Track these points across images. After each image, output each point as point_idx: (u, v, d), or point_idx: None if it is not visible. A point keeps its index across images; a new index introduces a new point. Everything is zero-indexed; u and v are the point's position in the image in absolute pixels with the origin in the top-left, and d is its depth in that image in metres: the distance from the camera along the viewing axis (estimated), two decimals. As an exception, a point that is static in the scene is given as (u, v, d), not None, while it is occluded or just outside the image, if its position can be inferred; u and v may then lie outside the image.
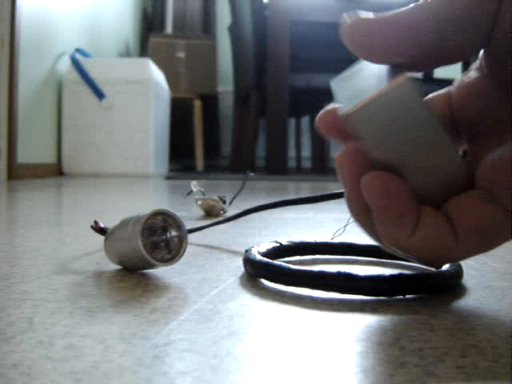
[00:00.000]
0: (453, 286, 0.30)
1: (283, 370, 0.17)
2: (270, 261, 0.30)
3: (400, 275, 0.27)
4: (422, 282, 0.28)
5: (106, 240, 0.34)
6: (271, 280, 0.30)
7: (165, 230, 0.31)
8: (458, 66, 3.09)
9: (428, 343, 0.20)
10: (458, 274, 0.30)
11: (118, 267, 0.34)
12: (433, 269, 0.31)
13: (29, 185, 1.44)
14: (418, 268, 0.35)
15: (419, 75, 0.23)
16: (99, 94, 2.24)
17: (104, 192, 1.22)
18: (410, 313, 0.25)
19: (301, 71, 2.64)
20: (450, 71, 3.72)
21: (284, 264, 0.29)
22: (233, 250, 0.43)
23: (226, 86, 3.84)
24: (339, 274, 0.27)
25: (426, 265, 0.27)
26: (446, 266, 0.30)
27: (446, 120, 0.25)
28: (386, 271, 0.28)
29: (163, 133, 2.58)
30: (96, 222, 0.38)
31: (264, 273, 0.30)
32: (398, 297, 0.27)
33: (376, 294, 0.27)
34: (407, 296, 0.27)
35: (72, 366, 0.17)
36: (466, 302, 0.27)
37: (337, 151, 0.24)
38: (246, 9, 2.67)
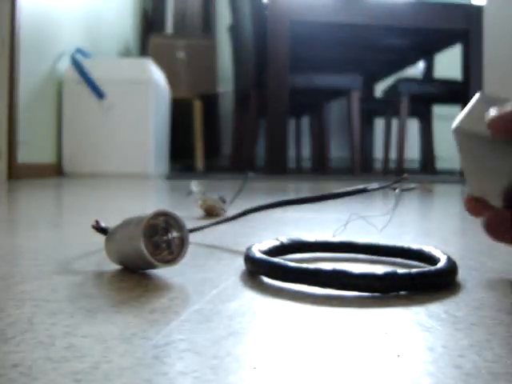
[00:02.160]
0: (447, 283, 0.30)
1: (283, 370, 0.17)
2: (269, 258, 0.31)
3: (393, 273, 0.28)
4: (415, 279, 0.28)
5: (107, 240, 0.34)
6: (269, 276, 0.30)
7: (166, 230, 0.31)
8: (457, 66, 3.09)
9: (427, 343, 0.20)
10: (451, 271, 0.30)
11: (119, 267, 0.34)
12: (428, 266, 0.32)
13: (29, 185, 1.44)
14: (413, 266, 0.35)
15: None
16: (99, 94, 2.24)
17: (104, 192, 1.22)
18: (408, 313, 0.25)
19: (301, 71, 2.64)
20: (451, 71, 3.70)
21: (282, 261, 0.30)
22: (233, 249, 0.43)
23: (226, 86, 3.84)
24: (334, 272, 0.27)
25: None
26: (440, 264, 0.30)
27: None
28: (382, 269, 0.28)
29: (163, 133, 2.58)
30: (97, 222, 0.38)
31: (263, 270, 0.31)
32: (391, 294, 0.28)
33: (369, 290, 0.28)
34: (405, 295, 0.28)
35: (72, 366, 0.17)
36: (465, 302, 0.27)
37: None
38: (245, 9, 2.67)
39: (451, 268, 0.30)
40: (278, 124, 2.48)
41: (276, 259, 0.30)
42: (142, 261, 0.30)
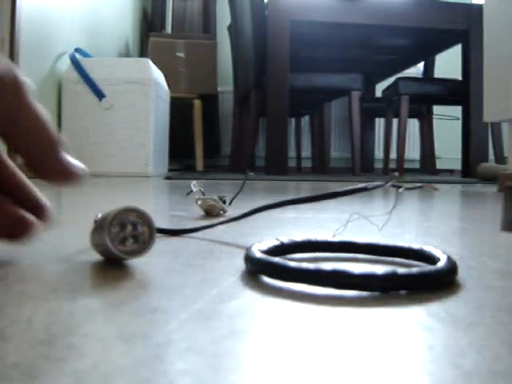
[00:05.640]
0: (447, 283, 0.30)
1: (283, 370, 0.17)
2: (269, 258, 0.31)
3: (393, 272, 0.28)
4: (415, 278, 0.28)
5: (91, 233, 0.37)
6: (269, 276, 0.31)
7: (135, 226, 0.34)
8: (457, 66, 3.09)
9: (427, 342, 0.20)
10: (451, 271, 0.30)
11: (119, 267, 0.34)
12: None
13: (29, 185, 1.44)
14: (414, 266, 0.35)
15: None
16: (99, 94, 2.24)
17: (104, 192, 1.22)
18: (407, 312, 0.25)
19: (301, 71, 2.64)
20: (451, 71, 3.70)
21: (282, 261, 0.30)
22: (233, 249, 0.43)
23: (226, 85, 3.84)
24: (334, 271, 0.27)
25: None
26: (440, 264, 0.30)
27: None
28: (382, 268, 0.28)
29: (163, 133, 2.58)
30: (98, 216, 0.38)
31: (263, 269, 0.31)
32: (391, 292, 0.28)
33: (369, 290, 0.28)
34: (404, 294, 0.28)
35: (72, 366, 0.17)
36: (465, 302, 0.27)
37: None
38: (245, 9, 2.67)
39: (451, 267, 0.30)
40: (278, 124, 2.48)
41: (276, 259, 0.31)
42: (108, 251, 0.33)
